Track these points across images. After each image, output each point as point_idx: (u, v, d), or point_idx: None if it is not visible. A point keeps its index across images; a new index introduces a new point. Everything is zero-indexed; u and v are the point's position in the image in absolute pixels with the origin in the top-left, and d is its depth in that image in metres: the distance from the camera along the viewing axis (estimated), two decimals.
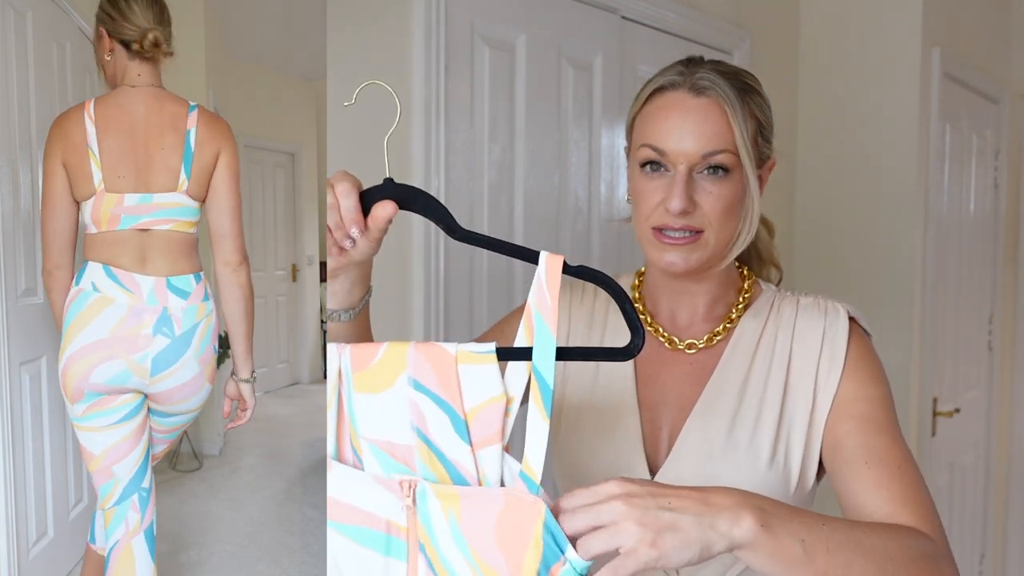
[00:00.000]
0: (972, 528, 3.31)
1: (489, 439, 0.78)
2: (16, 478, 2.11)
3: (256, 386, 1.94)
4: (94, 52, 1.83)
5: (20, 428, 2.15)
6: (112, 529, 1.81)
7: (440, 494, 0.78)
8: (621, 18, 2.13)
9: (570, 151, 2.03)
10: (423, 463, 0.80)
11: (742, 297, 1.08)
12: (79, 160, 1.69)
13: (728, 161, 0.97)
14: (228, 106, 4.67)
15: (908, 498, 0.89)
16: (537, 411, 0.77)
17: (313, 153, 5.97)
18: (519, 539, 0.75)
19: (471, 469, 0.79)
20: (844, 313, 1.02)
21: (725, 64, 1.03)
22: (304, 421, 4.84)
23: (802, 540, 0.75)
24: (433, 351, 0.79)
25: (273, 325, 5.65)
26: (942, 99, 2.73)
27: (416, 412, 0.79)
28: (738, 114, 0.97)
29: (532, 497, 0.75)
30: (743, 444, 1.00)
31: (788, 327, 1.04)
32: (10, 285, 2.09)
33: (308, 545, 2.94)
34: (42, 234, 1.75)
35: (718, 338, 1.06)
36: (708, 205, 0.97)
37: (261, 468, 3.90)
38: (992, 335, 3.37)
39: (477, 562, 0.77)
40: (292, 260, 5.91)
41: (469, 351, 0.78)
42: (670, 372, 1.07)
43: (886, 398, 0.99)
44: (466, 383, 0.78)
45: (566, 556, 0.73)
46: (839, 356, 1.00)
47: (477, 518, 0.77)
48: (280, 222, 5.73)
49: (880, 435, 0.95)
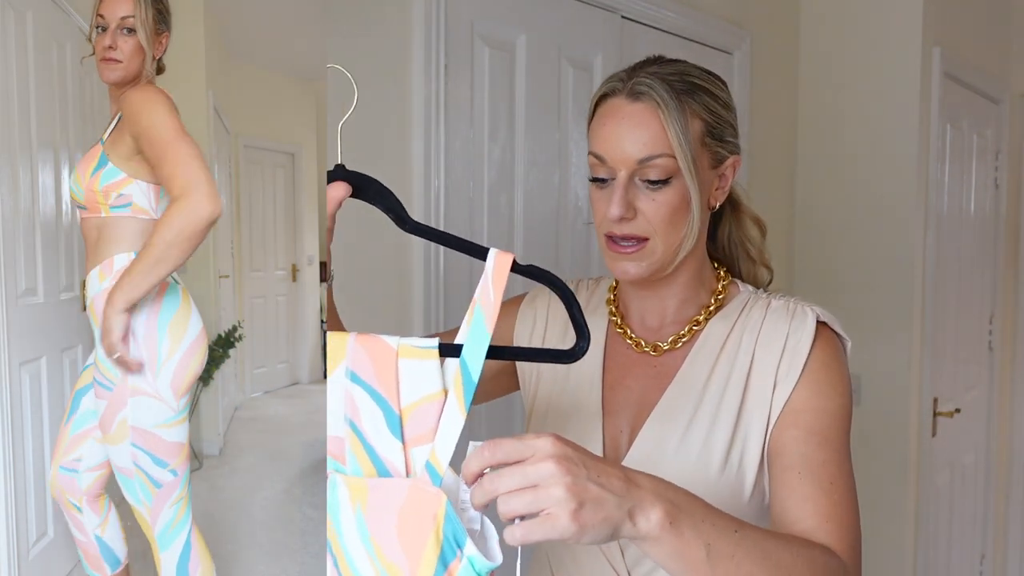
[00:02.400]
0: (972, 528, 3.31)
1: (423, 437, 0.76)
2: (16, 478, 2.11)
3: (256, 385, 1.94)
4: (146, 62, 1.71)
5: (20, 428, 2.15)
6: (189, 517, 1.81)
7: (351, 485, 0.76)
8: (621, 18, 2.13)
9: (570, 151, 2.03)
10: (353, 457, 0.77)
11: (714, 299, 1.06)
12: None
13: (668, 166, 0.95)
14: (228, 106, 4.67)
15: (831, 515, 0.89)
16: (456, 403, 0.76)
17: (313, 153, 5.97)
18: (420, 533, 0.72)
19: (400, 467, 0.77)
20: (812, 317, 0.99)
21: (677, 64, 1.00)
22: (304, 421, 4.84)
23: (708, 544, 0.72)
24: (374, 343, 0.77)
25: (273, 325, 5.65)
26: (942, 99, 2.73)
27: (351, 404, 0.77)
28: (673, 116, 0.94)
29: (434, 489, 0.73)
30: (695, 449, 0.98)
31: (754, 329, 1.01)
32: (10, 285, 2.09)
33: (308, 545, 2.94)
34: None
35: (683, 340, 1.04)
36: (651, 212, 0.96)
37: (261, 468, 3.89)
38: (992, 335, 3.37)
39: (379, 558, 0.74)
40: (292, 260, 5.91)
41: (411, 346, 0.76)
42: (635, 375, 1.06)
43: (838, 411, 0.96)
44: (405, 378, 0.76)
45: (463, 551, 0.71)
46: (799, 362, 0.97)
47: (381, 511, 0.74)
48: (280, 222, 5.73)
49: (821, 448, 0.93)
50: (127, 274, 1.52)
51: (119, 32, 1.67)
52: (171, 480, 1.72)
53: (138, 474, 1.70)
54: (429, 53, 1.68)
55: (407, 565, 0.73)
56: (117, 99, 1.72)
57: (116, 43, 1.67)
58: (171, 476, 1.72)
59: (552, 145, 1.99)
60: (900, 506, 2.72)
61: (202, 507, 3.29)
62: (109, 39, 1.67)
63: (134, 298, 1.52)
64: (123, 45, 1.67)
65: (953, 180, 2.95)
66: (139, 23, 1.67)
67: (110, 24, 1.67)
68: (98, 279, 1.69)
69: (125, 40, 1.68)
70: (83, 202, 1.69)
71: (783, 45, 2.79)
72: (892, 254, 2.69)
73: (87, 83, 2.67)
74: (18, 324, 2.13)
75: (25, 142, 2.19)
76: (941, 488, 2.99)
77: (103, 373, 1.67)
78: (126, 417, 1.66)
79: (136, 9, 1.66)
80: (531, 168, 1.93)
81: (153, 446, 1.69)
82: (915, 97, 2.63)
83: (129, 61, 1.69)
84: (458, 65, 1.76)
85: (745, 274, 1.12)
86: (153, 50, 1.71)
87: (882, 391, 2.69)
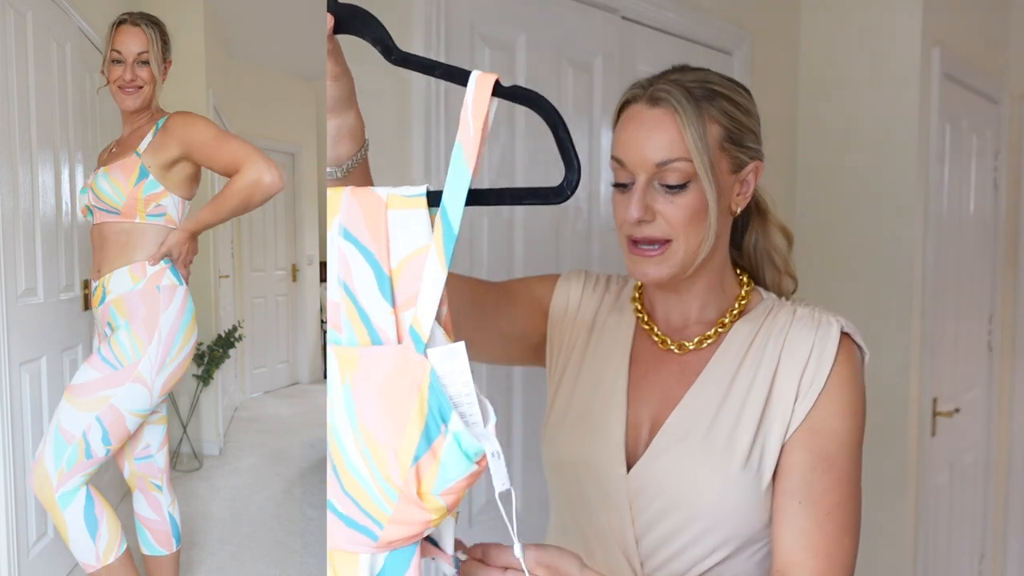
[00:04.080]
0: (972, 528, 3.31)
1: (413, 300, 0.71)
2: (16, 478, 2.11)
3: (256, 385, 2.03)
4: (156, 87, 1.95)
5: (20, 428, 2.15)
6: None
7: (341, 357, 0.71)
8: (621, 18, 2.13)
9: None
10: (349, 324, 0.72)
11: (738, 303, 1.09)
12: None
13: (685, 169, 0.98)
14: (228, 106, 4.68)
15: (821, 550, 0.95)
16: (436, 257, 0.70)
17: (313, 153, 5.97)
18: (403, 405, 0.67)
19: (392, 334, 0.70)
20: (837, 328, 1.02)
21: (699, 72, 1.03)
22: (304, 421, 4.84)
23: None
24: (365, 195, 0.72)
25: (273, 325, 5.66)
26: (942, 99, 2.73)
27: (344, 264, 0.72)
28: (690, 120, 0.97)
29: (418, 356, 0.68)
30: (721, 441, 1.01)
31: (780, 335, 1.04)
32: (10, 285, 2.09)
33: (308, 545, 2.94)
34: None
35: (708, 341, 1.08)
36: (670, 215, 0.99)
37: (261, 468, 3.89)
38: (992, 335, 3.37)
39: (362, 434, 0.69)
40: (292, 260, 5.91)
41: (400, 195, 0.71)
42: (659, 371, 1.09)
43: (850, 433, 1.00)
44: (394, 232, 0.71)
45: (448, 426, 0.66)
46: (822, 374, 1.00)
47: (366, 383, 0.69)
48: (280, 222, 5.73)
49: (825, 475, 0.98)
50: (204, 214, 1.87)
51: (135, 65, 1.90)
52: (102, 457, 1.85)
53: (78, 442, 1.82)
54: (429, 53, 1.68)
55: (388, 441, 0.68)
56: (131, 120, 1.96)
57: (135, 74, 1.90)
58: (104, 455, 1.85)
59: (552, 145, 1.98)
60: (900, 506, 2.72)
61: (202, 507, 3.29)
62: (129, 72, 1.90)
63: (204, 229, 1.93)
64: (140, 75, 1.91)
65: (953, 180, 2.95)
66: (152, 56, 1.91)
67: (127, 58, 1.90)
68: (130, 279, 1.87)
69: (140, 71, 1.91)
70: (119, 208, 1.86)
71: (783, 45, 2.79)
72: (892, 254, 2.69)
73: (87, 83, 2.67)
74: (18, 324, 2.13)
75: (25, 142, 2.19)
76: (941, 488, 2.99)
77: (115, 353, 1.83)
78: (111, 396, 1.82)
79: (149, 45, 1.90)
80: (531, 168, 1.93)
81: (113, 426, 1.84)
82: (915, 97, 2.64)
83: (146, 88, 1.92)
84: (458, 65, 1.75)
85: (769, 282, 1.15)
86: (161, 77, 1.96)
87: (882, 391, 2.69)
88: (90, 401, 1.82)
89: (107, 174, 1.86)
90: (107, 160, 1.93)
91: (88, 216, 1.96)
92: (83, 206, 1.97)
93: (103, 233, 1.91)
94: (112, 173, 1.86)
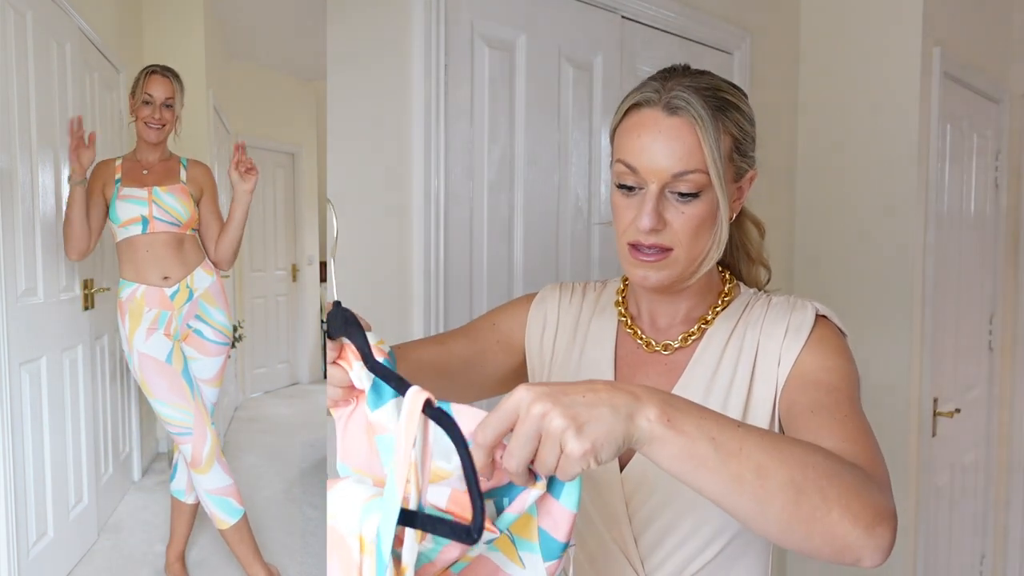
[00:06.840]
0: (972, 528, 3.31)
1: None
2: (16, 478, 2.10)
3: (256, 385, 2.10)
4: (175, 125, 2.37)
5: (20, 428, 2.15)
6: None
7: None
8: (621, 18, 2.13)
9: (570, 151, 2.03)
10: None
11: (721, 300, 1.10)
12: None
13: (699, 180, 0.97)
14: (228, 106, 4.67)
15: (848, 438, 0.87)
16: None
17: (313, 153, 5.97)
18: None
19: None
20: (812, 309, 1.04)
21: (706, 77, 1.02)
22: (304, 421, 4.83)
23: (713, 438, 0.71)
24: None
25: (273, 325, 5.65)
26: (942, 99, 2.73)
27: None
28: (710, 134, 0.97)
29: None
30: None
31: (757, 324, 1.06)
32: (10, 285, 2.09)
33: (308, 545, 2.94)
34: None
35: (692, 338, 1.08)
36: (679, 224, 0.99)
37: (261, 468, 3.89)
38: (992, 335, 3.37)
39: None
40: (292, 260, 5.91)
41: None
42: (645, 372, 1.10)
43: (843, 368, 0.98)
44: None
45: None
46: (801, 337, 1.01)
47: None
48: (280, 222, 5.73)
49: (831, 394, 0.94)
50: (232, 225, 2.40)
51: (162, 107, 2.32)
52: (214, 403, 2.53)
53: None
54: (429, 53, 1.68)
55: None
56: (151, 150, 2.36)
57: (161, 115, 2.32)
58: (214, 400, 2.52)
59: (552, 145, 1.99)
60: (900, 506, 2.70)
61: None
62: (158, 113, 2.32)
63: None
64: (164, 115, 2.34)
65: (953, 180, 2.95)
66: (176, 102, 2.34)
67: (156, 101, 2.31)
68: (207, 273, 2.40)
69: (165, 112, 2.34)
70: (184, 221, 2.33)
71: (783, 45, 2.78)
72: (892, 254, 2.69)
73: (87, 83, 2.67)
74: (18, 324, 2.13)
75: (25, 142, 2.19)
76: (941, 488, 2.99)
77: (225, 334, 2.43)
78: (222, 365, 2.47)
79: (175, 92, 2.35)
80: (531, 168, 1.93)
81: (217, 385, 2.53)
82: (915, 97, 2.63)
83: (167, 126, 2.35)
84: (458, 65, 1.76)
85: (745, 274, 1.16)
86: (179, 115, 2.39)
87: (882, 391, 2.69)
88: (219, 377, 2.48)
89: (171, 194, 2.31)
90: (152, 181, 2.32)
91: (135, 225, 2.30)
92: (134, 215, 2.28)
93: (163, 241, 2.32)
94: (174, 193, 2.33)
